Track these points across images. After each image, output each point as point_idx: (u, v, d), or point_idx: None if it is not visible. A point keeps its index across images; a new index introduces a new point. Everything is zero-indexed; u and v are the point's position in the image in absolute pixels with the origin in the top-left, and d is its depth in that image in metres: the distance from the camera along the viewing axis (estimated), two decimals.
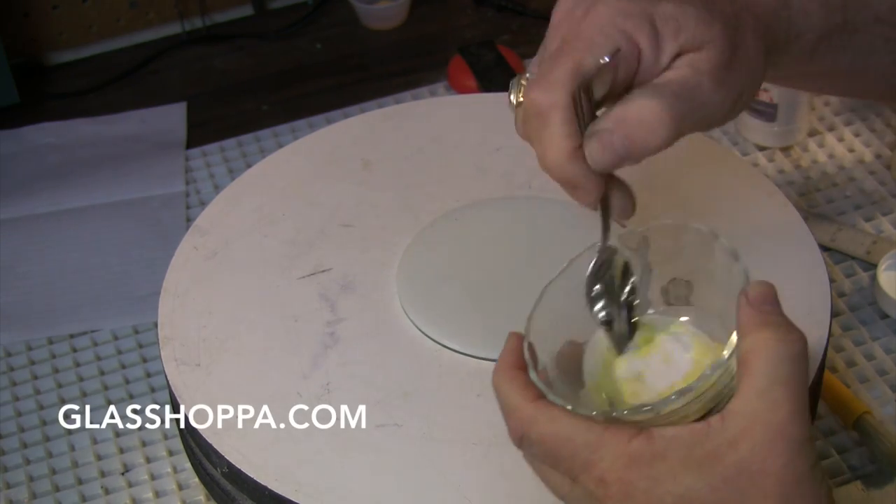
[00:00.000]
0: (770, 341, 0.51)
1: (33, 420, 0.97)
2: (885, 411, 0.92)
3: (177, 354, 0.71)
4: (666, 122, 0.55)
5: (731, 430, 0.51)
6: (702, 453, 0.51)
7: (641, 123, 0.55)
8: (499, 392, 0.56)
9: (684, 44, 0.57)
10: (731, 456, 0.51)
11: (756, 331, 0.52)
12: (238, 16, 1.43)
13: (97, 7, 1.37)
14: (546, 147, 0.56)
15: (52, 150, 1.25)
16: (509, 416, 0.55)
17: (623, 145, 0.55)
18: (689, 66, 0.57)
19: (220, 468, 0.67)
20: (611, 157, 0.56)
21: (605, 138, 0.55)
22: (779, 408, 0.51)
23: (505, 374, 0.56)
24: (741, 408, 0.51)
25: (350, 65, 1.35)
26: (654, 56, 0.57)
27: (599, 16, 0.56)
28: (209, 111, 1.30)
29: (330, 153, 0.85)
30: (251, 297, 0.75)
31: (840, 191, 1.11)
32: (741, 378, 0.52)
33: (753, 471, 0.50)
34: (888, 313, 0.99)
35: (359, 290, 0.74)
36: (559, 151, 0.56)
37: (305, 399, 0.68)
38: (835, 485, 0.88)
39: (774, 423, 0.50)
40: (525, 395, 0.55)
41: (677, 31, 0.57)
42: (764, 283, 0.54)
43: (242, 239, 0.79)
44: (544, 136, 0.56)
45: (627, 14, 0.56)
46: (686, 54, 0.57)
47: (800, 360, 0.52)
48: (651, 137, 0.55)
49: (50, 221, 1.16)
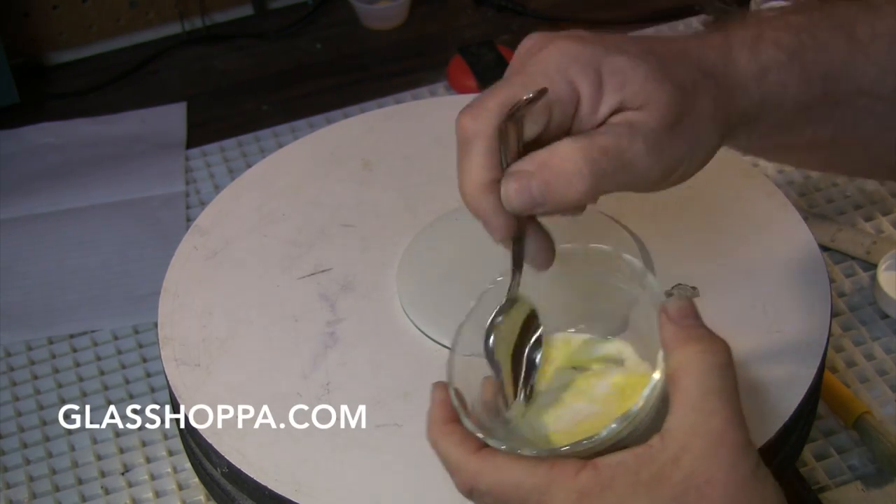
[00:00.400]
0: (696, 354, 0.52)
1: (33, 420, 0.97)
2: (885, 411, 0.92)
3: (177, 354, 0.71)
4: (585, 176, 0.53)
5: (671, 448, 0.51)
6: (648, 476, 0.51)
7: (562, 173, 0.53)
8: (438, 449, 0.56)
9: (626, 99, 0.54)
10: (676, 474, 0.51)
11: (681, 346, 0.52)
12: (238, 16, 1.43)
13: (97, 7, 1.37)
14: (464, 174, 0.55)
15: (52, 150, 1.25)
16: (454, 473, 0.56)
17: (540, 192, 0.53)
18: (626, 125, 0.54)
19: (220, 468, 0.67)
20: (525, 201, 0.54)
21: (522, 180, 0.54)
22: (714, 416, 0.51)
23: (440, 430, 0.56)
24: (677, 423, 0.52)
25: (350, 65, 1.35)
26: (593, 106, 0.55)
27: (549, 56, 0.55)
28: (209, 111, 1.30)
29: (330, 153, 0.86)
30: (251, 297, 0.75)
31: (840, 191, 1.11)
32: (673, 394, 0.53)
33: (700, 483, 0.51)
34: (888, 313, 0.99)
35: (359, 290, 0.74)
36: (475, 181, 0.55)
37: (305, 399, 0.68)
38: (835, 485, 0.88)
39: (712, 432, 0.51)
40: (465, 448, 0.55)
41: (622, 84, 0.54)
42: (682, 298, 0.54)
43: (242, 239, 0.79)
44: (465, 163, 0.55)
45: (575, 59, 0.54)
46: (626, 111, 0.55)
47: (727, 368, 0.53)
48: (568, 190, 0.53)
49: (50, 221, 1.16)
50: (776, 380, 0.66)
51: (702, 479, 0.51)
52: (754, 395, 0.66)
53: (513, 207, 0.54)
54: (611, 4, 1.37)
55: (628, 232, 0.76)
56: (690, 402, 0.52)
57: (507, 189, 0.54)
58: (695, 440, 0.51)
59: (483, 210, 0.55)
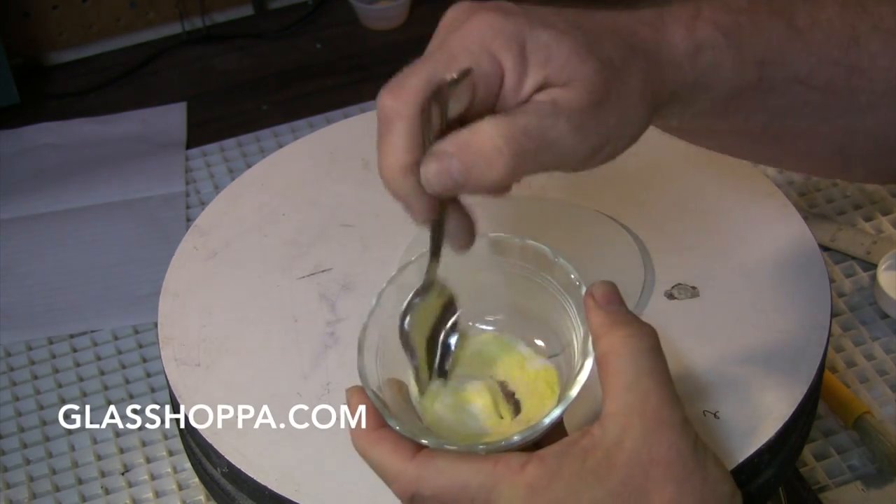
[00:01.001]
0: (626, 338, 0.52)
1: (33, 420, 0.97)
2: (885, 411, 0.92)
3: (177, 354, 0.71)
4: (506, 157, 0.51)
5: (612, 431, 0.52)
6: (594, 462, 0.51)
7: (482, 153, 0.51)
8: (370, 459, 0.54)
9: (550, 75, 0.52)
10: (620, 456, 0.51)
11: (610, 331, 0.53)
12: (238, 16, 1.44)
13: (97, 7, 1.37)
14: (383, 155, 0.53)
15: (52, 150, 1.25)
16: (392, 481, 0.54)
17: (460, 172, 0.51)
18: (549, 102, 0.52)
19: (220, 468, 0.67)
20: (446, 182, 0.52)
21: (443, 161, 0.51)
22: (650, 396, 0.52)
23: (369, 439, 0.55)
24: (615, 407, 0.52)
25: (350, 65, 1.36)
26: (517, 82, 0.52)
27: (471, 30, 0.52)
28: (209, 111, 1.30)
29: (330, 153, 0.85)
30: (251, 297, 0.75)
31: (840, 191, 1.11)
32: (605, 378, 0.53)
33: (644, 462, 0.51)
34: (888, 313, 0.99)
35: (359, 289, 0.74)
36: (394, 163, 0.52)
37: (305, 399, 0.68)
38: (835, 485, 0.88)
39: (649, 411, 0.52)
40: (400, 454, 0.53)
41: (546, 60, 0.52)
42: (607, 283, 0.54)
43: (242, 239, 0.79)
44: (384, 144, 0.52)
45: (499, 32, 0.52)
46: (550, 87, 0.52)
47: (657, 350, 0.53)
48: (488, 171, 0.51)
49: (50, 221, 1.16)
50: (776, 380, 0.66)
51: (645, 459, 0.51)
52: (754, 396, 0.66)
53: (433, 189, 0.52)
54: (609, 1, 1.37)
55: (628, 232, 0.76)
56: (625, 384, 0.52)
57: (427, 171, 0.52)
58: (634, 420, 0.51)
59: (403, 192, 0.53)
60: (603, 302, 0.53)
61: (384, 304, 0.59)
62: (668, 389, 0.53)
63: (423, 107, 0.52)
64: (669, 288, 0.72)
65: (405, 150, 0.52)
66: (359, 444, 0.55)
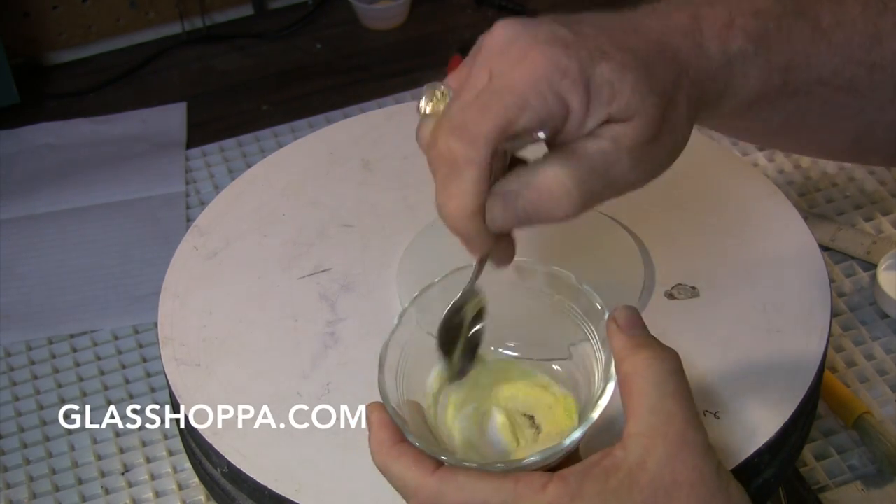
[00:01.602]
0: (650, 360, 0.53)
1: (33, 420, 0.97)
2: (885, 411, 0.92)
3: (177, 354, 0.71)
4: (574, 197, 0.52)
5: (635, 452, 0.52)
6: (616, 483, 0.51)
7: (549, 193, 0.52)
8: (390, 473, 0.54)
9: (614, 113, 0.53)
10: (643, 477, 0.51)
11: (633, 353, 0.53)
12: (238, 16, 1.44)
13: (97, 7, 1.37)
14: (450, 198, 0.52)
15: (51, 150, 1.25)
16: (412, 497, 0.53)
17: (525, 211, 0.52)
18: (612, 140, 0.53)
19: (220, 468, 0.67)
20: (512, 221, 0.53)
21: (510, 201, 0.52)
22: (674, 418, 0.52)
23: (390, 453, 0.54)
24: (638, 428, 0.52)
25: (350, 65, 1.36)
26: (582, 120, 0.53)
27: (535, 67, 0.52)
28: (209, 111, 1.30)
29: (330, 153, 0.85)
30: (251, 297, 0.75)
31: (840, 191, 1.11)
32: (628, 400, 0.53)
33: (667, 484, 0.51)
34: (888, 313, 0.99)
35: (359, 290, 0.74)
36: (463, 208, 0.52)
37: (305, 399, 0.68)
38: (835, 485, 0.88)
39: (672, 433, 0.52)
40: (421, 469, 0.53)
41: (611, 98, 0.52)
42: (629, 308, 0.55)
43: (242, 239, 0.79)
44: (451, 187, 0.52)
45: (564, 72, 0.52)
46: (612, 124, 0.53)
47: (680, 373, 0.53)
48: (556, 209, 0.52)
49: (50, 221, 1.16)
50: (776, 380, 0.66)
51: (668, 480, 0.51)
52: (754, 396, 0.66)
53: (498, 228, 0.53)
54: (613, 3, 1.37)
55: (628, 232, 0.76)
56: (648, 406, 0.52)
57: (493, 210, 0.52)
58: (657, 442, 0.51)
59: (469, 233, 0.53)
60: (626, 326, 0.54)
61: (406, 323, 0.59)
62: (692, 412, 0.52)
63: (496, 153, 0.52)
64: (669, 288, 0.72)
65: (475, 196, 0.52)
66: (378, 457, 0.55)
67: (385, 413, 0.55)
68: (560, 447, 0.53)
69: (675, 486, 0.51)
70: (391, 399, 0.56)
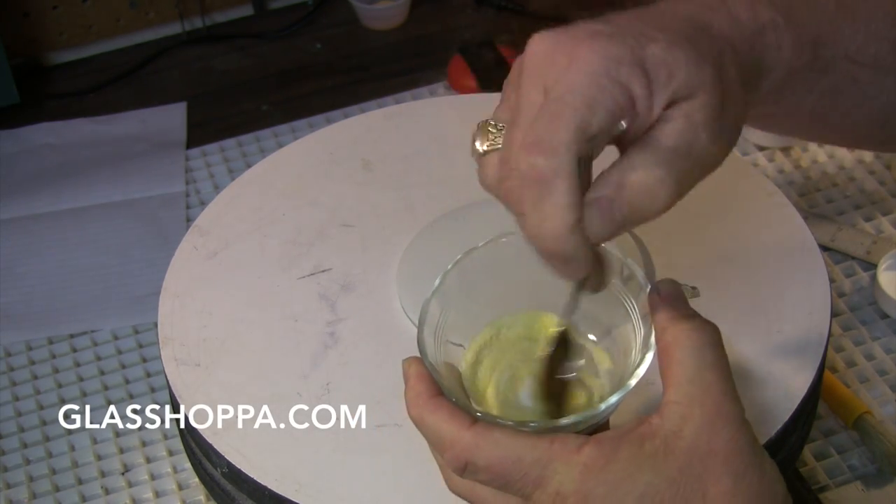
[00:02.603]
0: (690, 331, 0.53)
1: (33, 420, 0.97)
2: (885, 411, 0.92)
3: (177, 354, 0.71)
4: (669, 185, 0.51)
5: (672, 420, 0.52)
6: (652, 449, 0.51)
7: (646, 189, 0.50)
8: (425, 426, 0.54)
9: (677, 90, 0.51)
10: (679, 444, 0.51)
11: (674, 324, 0.53)
12: (238, 16, 1.44)
13: (97, 7, 1.37)
14: (546, 218, 0.50)
15: (52, 150, 1.25)
16: (446, 449, 0.53)
17: (623, 214, 0.51)
18: (685, 118, 0.51)
19: (220, 468, 0.67)
20: (613, 228, 0.51)
21: (607, 208, 0.51)
22: (711, 389, 0.52)
23: (427, 406, 0.54)
24: (675, 396, 0.52)
25: (350, 65, 1.35)
26: (648, 105, 0.51)
27: (589, 63, 0.50)
28: (209, 111, 1.30)
29: (330, 153, 0.86)
30: (251, 297, 0.75)
31: (840, 191, 1.11)
32: (667, 369, 0.53)
33: (702, 453, 0.51)
34: (888, 313, 0.99)
35: (359, 290, 0.74)
36: (562, 224, 0.50)
37: (305, 399, 0.68)
38: (835, 485, 0.88)
39: (710, 403, 0.52)
40: (458, 422, 0.53)
41: (669, 77, 0.51)
42: (672, 281, 0.55)
43: (242, 239, 0.79)
44: (545, 207, 0.50)
45: (619, 60, 0.50)
46: (679, 103, 0.51)
47: (720, 346, 0.53)
48: (654, 204, 0.51)
49: (50, 221, 1.16)
50: (776, 380, 0.66)
51: (704, 449, 0.51)
52: (754, 395, 0.66)
53: (599, 238, 0.51)
54: (613, 4, 1.37)
55: (628, 232, 0.76)
56: (687, 376, 0.52)
57: (592, 220, 0.50)
58: (694, 411, 0.51)
59: (570, 251, 0.50)
60: (668, 298, 0.54)
61: (449, 283, 0.58)
62: (730, 385, 0.53)
63: (580, 160, 0.50)
64: None
65: (572, 210, 0.50)
66: (414, 409, 0.54)
67: (422, 366, 0.55)
68: (597, 412, 0.53)
69: (711, 456, 0.51)
70: (429, 354, 0.56)
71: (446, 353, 0.58)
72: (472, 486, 0.55)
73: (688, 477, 0.51)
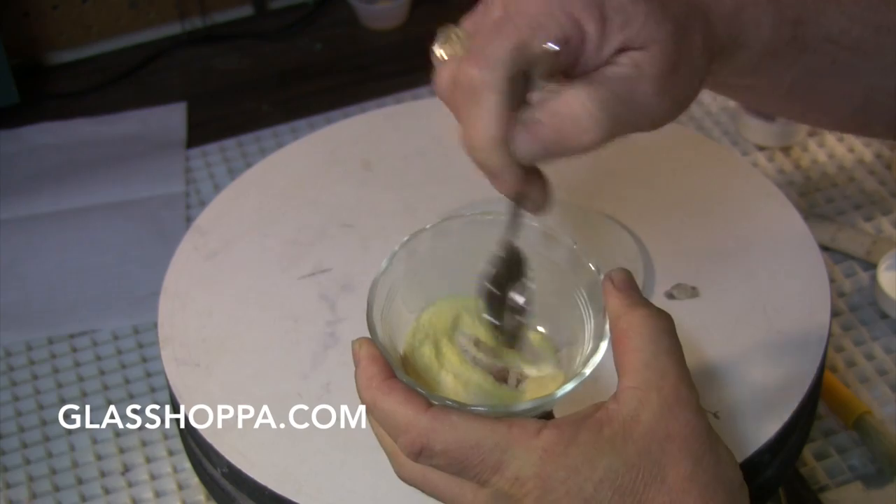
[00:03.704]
0: (645, 318, 0.53)
1: (33, 420, 0.97)
2: (885, 411, 0.92)
3: (177, 354, 0.71)
4: (601, 122, 0.52)
5: (629, 405, 0.52)
6: (610, 433, 0.51)
7: (575, 120, 0.52)
8: (378, 409, 0.53)
9: (630, 38, 0.52)
10: (637, 429, 0.51)
11: (629, 311, 0.53)
12: (238, 16, 1.44)
13: (97, 7, 1.37)
14: (473, 128, 0.52)
15: (52, 150, 1.25)
16: (401, 433, 0.52)
17: (553, 140, 0.52)
18: (633, 66, 0.53)
19: (220, 468, 0.67)
20: (538, 150, 0.52)
21: (535, 129, 0.52)
22: (668, 374, 0.52)
23: (380, 388, 0.53)
24: (632, 382, 0.52)
25: (350, 65, 1.36)
26: (598, 45, 0.52)
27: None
28: (209, 111, 1.30)
29: (330, 153, 0.86)
30: (251, 297, 0.75)
31: (840, 191, 1.11)
32: (622, 356, 0.53)
33: (661, 437, 0.51)
34: (888, 313, 0.99)
35: (358, 290, 0.74)
36: (486, 135, 0.52)
37: (305, 399, 0.68)
38: (835, 485, 0.88)
39: (667, 388, 0.52)
40: (413, 405, 0.52)
41: (625, 23, 0.52)
42: (624, 271, 0.55)
43: (242, 239, 0.79)
44: (473, 116, 0.52)
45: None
46: (630, 51, 0.53)
47: (674, 333, 0.53)
48: (584, 136, 0.52)
49: (50, 222, 1.16)
50: (776, 380, 0.66)
51: (662, 434, 0.51)
52: (754, 396, 0.66)
53: (525, 159, 0.52)
54: None
55: (628, 232, 0.76)
56: (644, 361, 0.52)
57: (520, 140, 0.52)
58: (651, 395, 0.51)
59: (494, 164, 0.52)
60: (622, 286, 0.54)
61: (395, 266, 0.58)
62: (685, 371, 0.53)
63: (514, 77, 0.51)
64: (669, 288, 0.72)
65: (497, 123, 0.51)
66: (367, 392, 0.53)
67: (375, 348, 0.54)
68: (552, 398, 0.53)
69: (668, 440, 0.51)
70: (380, 336, 0.55)
71: (394, 330, 0.57)
72: (424, 472, 0.54)
73: (647, 461, 0.51)
